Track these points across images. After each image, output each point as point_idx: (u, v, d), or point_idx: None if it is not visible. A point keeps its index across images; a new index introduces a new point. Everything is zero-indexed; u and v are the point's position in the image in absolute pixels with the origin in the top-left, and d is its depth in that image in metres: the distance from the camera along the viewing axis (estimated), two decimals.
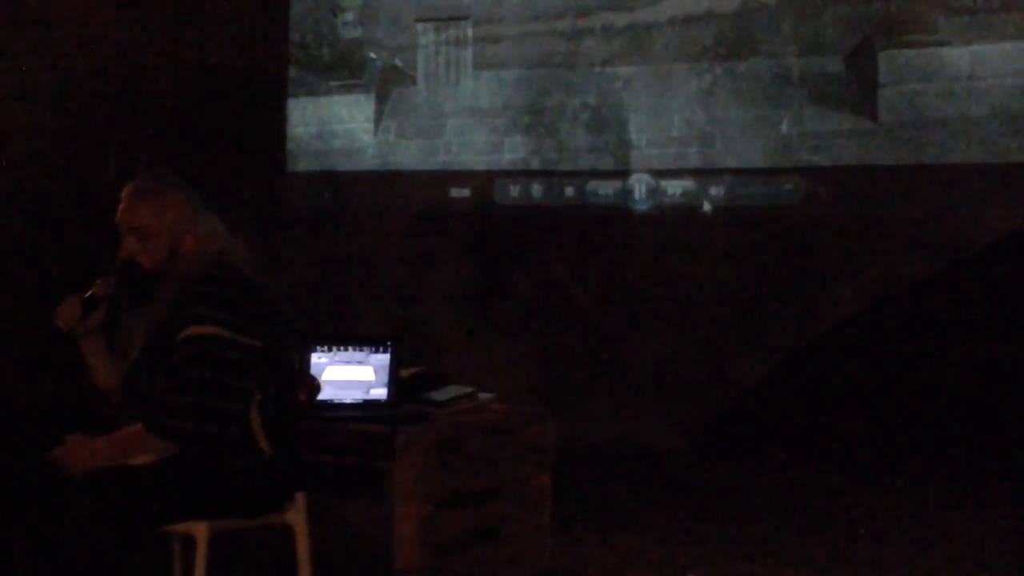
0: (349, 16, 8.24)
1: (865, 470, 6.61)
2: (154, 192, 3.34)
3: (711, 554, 4.86)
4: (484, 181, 7.79)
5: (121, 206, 3.35)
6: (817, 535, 5.24)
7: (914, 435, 7.09)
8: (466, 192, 7.83)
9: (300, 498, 3.43)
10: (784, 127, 7.16)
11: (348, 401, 4.20)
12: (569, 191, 7.60)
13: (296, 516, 3.42)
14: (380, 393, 4.22)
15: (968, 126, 6.73)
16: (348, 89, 8.20)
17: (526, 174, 7.70)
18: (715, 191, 7.27)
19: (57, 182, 7.43)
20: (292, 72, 8.32)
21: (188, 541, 3.30)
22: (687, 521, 5.48)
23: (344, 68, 8.22)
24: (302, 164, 8.31)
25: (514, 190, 7.72)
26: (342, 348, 4.24)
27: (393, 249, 8.00)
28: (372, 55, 8.16)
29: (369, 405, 4.20)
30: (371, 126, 8.12)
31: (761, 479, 6.45)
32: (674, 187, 7.36)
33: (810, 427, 7.24)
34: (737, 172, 7.23)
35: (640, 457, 6.89)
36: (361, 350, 4.24)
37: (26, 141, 7.31)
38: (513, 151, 7.75)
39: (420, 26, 8.03)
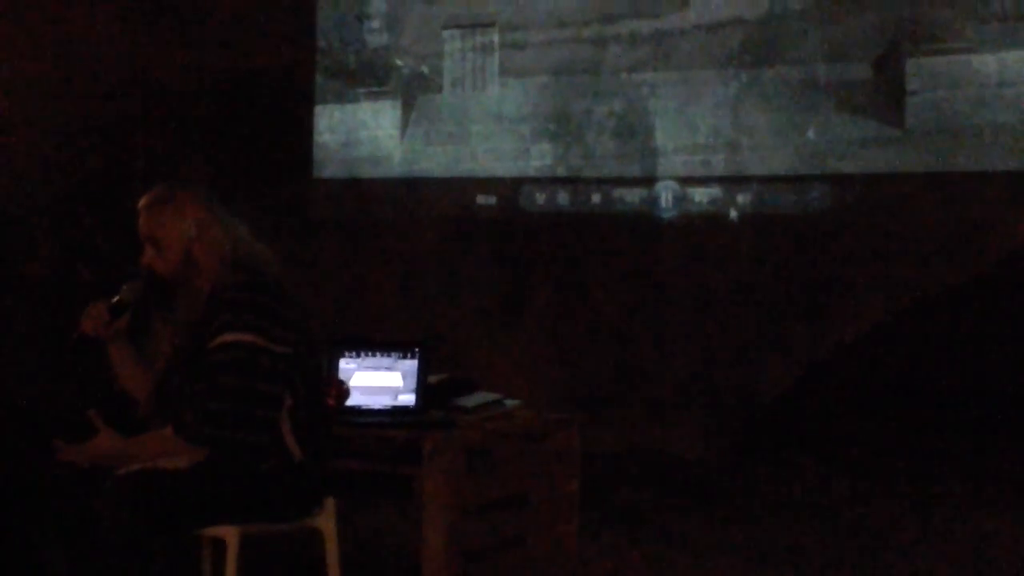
0: (375, 23, 8.25)
1: (893, 479, 6.57)
2: (166, 202, 3.37)
3: (738, 562, 4.85)
4: (510, 188, 7.78)
5: (140, 217, 3.39)
6: (844, 544, 5.21)
7: (942, 444, 7.05)
8: (492, 199, 7.83)
9: (329, 503, 3.45)
10: (811, 134, 7.13)
11: (376, 407, 4.20)
12: (595, 198, 7.59)
13: (325, 521, 3.43)
14: (408, 399, 4.22)
15: (997, 133, 6.68)
16: (374, 96, 8.21)
17: (552, 181, 7.69)
18: (742, 198, 7.24)
19: (83, 188, 7.46)
20: (318, 79, 8.33)
21: (219, 545, 3.31)
22: (714, 529, 5.46)
23: (370, 75, 8.23)
24: (328, 171, 8.32)
25: (540, 197, 7.72)
26: (370, 354, 4.24)
27: (419, 256, 8.00)
28: (398, 62, 8.17)
29: (397, 411, 4.20)
30: (397, 133, 8.13)
31: (788, 488, 6.43)
32: (701, 194, 7.34)
33: (837, 436, 7.21)
34: (764, 179, 7.20)
35: (667, 465, 6.87)
36: (389, 356, 4.24)
37: (53, 147, 7.34)
38: (539, 158, 7.74)
39: (446, 33, 8.04)
